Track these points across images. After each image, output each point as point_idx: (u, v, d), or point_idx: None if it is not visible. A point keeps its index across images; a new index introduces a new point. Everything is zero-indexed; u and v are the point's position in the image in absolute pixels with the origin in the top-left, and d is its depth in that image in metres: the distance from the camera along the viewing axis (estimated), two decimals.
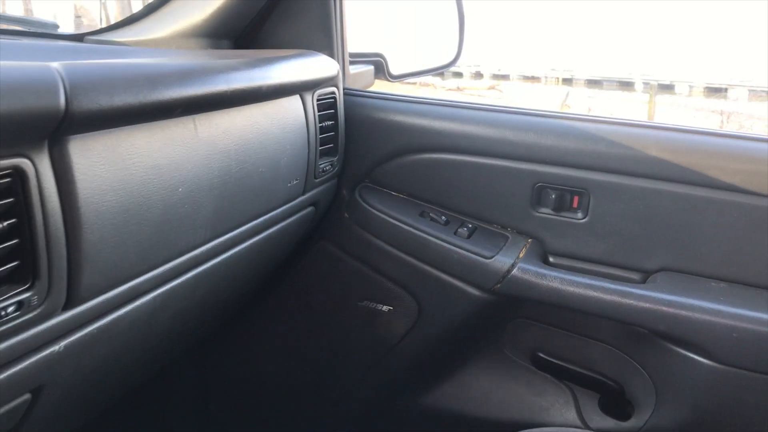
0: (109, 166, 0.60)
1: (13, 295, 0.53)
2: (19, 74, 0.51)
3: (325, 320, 1.17)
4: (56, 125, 0.53)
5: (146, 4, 1.08)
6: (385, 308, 1.10)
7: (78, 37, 1.07)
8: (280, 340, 1.22)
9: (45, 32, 1.09)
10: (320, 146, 0.99)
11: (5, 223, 0.52)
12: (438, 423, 1.15)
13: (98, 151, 0.59)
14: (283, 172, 0.89)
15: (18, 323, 0.54)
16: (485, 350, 1.12)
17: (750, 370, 0.91)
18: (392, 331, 1.12)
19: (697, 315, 0.92)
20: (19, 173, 0.52)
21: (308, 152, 0.95)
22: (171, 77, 0.63)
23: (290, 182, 0.92)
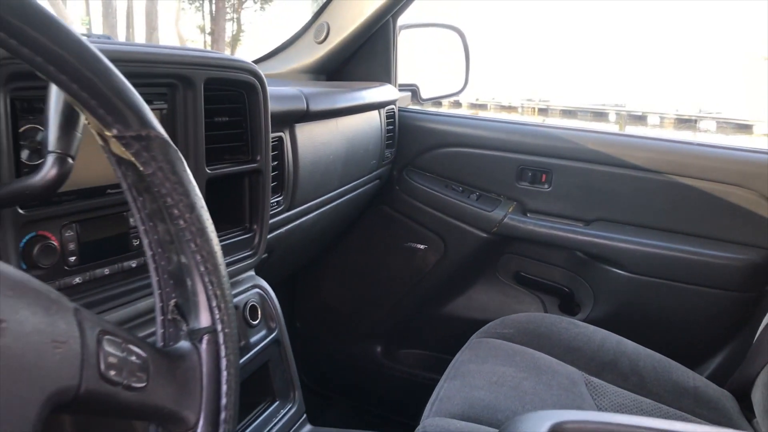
0: (308, 140, 1.20)
1: (277, 197, 1.12)
2: (289, 92, 1.11)
3: (381, 257, 1.76)
4: (299, 118, 1.13)
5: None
6: (422, 246, 1.70)
7: None
8: (348, 272, 1.82)
9: None
10: (386, 141, 1.59)
11: (275, 163, 1.10)
12: (453, 323, 1.74)
13: (305, 132, 1.18)
14: (369, 154, 1.49)
15: (276, 211, 1.13)
16: (485, 275, 1.72)
17: (649, 276, 1.52)
18: (426, 262, 1.72)
19: (617, 243, 1.52)
20: (281, 139, 1.11)
21: (380, 144, 1.55)
22: (339, 95, 1.24)
23: (372, 161, 1.52)
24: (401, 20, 1.68)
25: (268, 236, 1.15)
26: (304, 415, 1.03)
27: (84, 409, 0.44)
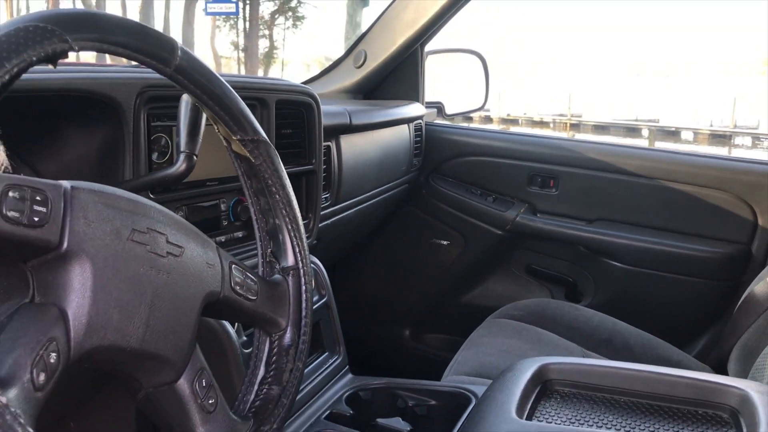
0: (350, 149, 1.47)
1: (325, 194, 1.39)
2: (336, 110, 1.38)
3: (409, 252, 2.03)
4: (343, 130, 1.40)
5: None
6: (445, 243, 1.96)
7: None
8: (381, 265, 2.08)
9: None
10: (414, 151, 1.86)
11: (324, 166, 1.37)
12: (472, 310, 1.98)
13: (348, 142, 1.46)
14: (400, 161, 1.76)
15: (325, 205, 1.39)
16: (500, 268, 1.97)
17: (642, 267, 1.75)
18: (449, 256, 1.97)
19: (615, 240, 1.76)
20: (329, 148, 1.38)
21: (409, 153, 1.82)
22: (376, 112, 1.51)
23: (402, 167, 1.79)
24: (428, 47, 1.95)
25: (319, 225, 1.42)
26: (347, 366, 1.29)
27: (221, 311, 0.71)
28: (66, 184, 0.56)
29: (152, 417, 0.68)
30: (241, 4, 24.01)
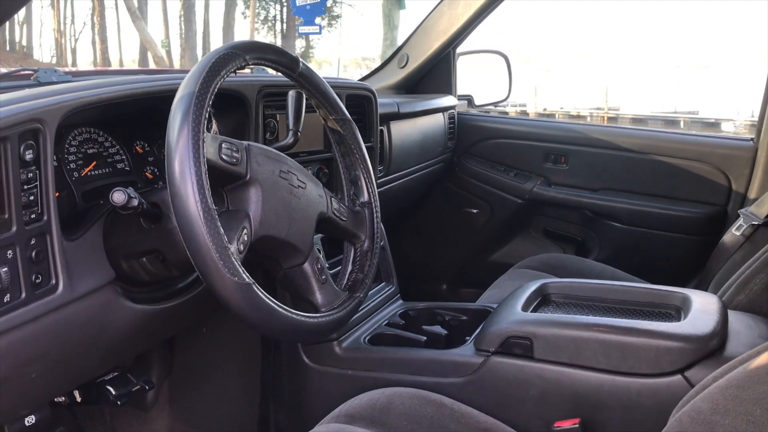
0: (398, 132, 1.88)
1: (379, 167, 1.80)
2: (388, 101, 1.80)
3: (445, 219, 2.44)
4: (393, 117, 1.82)
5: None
6: (475, 211, 2.37)
7: None
8: (422, 231, 2.49)
9: None
10: (448, 135, 2.27)
11: (378, 145, 1.79)
12: (498, 267, 2.37)
13: (396, 127, 1.87)
14: (436, 143, 2.17)
15: (379, 176, 1.81)
16: (520, 232, 2.37)
17: (638, 227, 2.13)
18: (478, 222, 2.38)
19: (615, 204, 2.14)
20: (382, 131, 1.80)
21: (444, 137, 2.23)
22: (417, 103, 1.93)
23: (438, 148, 2.20)
24: (459, 49, 2.36)
25: (381, 190, 1.84)
26: (399, 294, 1.70)
27: (326, 227, 1.13)
28: (244, 142, 0.99)
29: (287, 288, 1.11)
30: (278, 7, 24.70)
